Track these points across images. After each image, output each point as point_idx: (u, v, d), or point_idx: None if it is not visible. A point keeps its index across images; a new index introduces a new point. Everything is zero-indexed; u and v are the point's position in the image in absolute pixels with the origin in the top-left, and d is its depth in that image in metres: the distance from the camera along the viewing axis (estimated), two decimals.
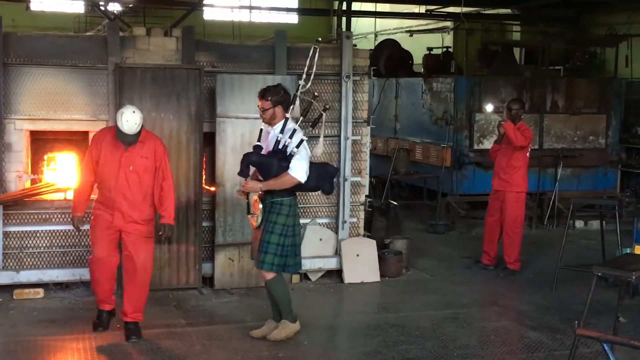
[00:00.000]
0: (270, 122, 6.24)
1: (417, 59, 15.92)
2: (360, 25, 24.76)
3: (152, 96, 7.44)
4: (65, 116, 7.48)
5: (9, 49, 7.31)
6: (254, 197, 6.18)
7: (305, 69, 6.52)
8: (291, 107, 6.29)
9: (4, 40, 7.26)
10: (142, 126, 6.17)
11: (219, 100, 7.63)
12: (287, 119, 6.21)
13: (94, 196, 6.36)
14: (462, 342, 6.46)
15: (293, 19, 28.56)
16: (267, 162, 6.12)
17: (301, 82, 6.43)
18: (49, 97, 7.43)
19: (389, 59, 14.96)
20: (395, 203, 9.73)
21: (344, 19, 13.37)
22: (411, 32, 20.05)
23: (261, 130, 6.34)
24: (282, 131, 6.13)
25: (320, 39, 6.76)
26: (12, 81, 7.35)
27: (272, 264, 6.18)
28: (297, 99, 6.39)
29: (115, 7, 18.61)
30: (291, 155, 6.06)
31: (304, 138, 6.13)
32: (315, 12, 19.60)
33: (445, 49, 15.79)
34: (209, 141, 7.80)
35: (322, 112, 6.40)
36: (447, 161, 12.17)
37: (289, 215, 6.22)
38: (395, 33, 21.30)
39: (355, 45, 8.39)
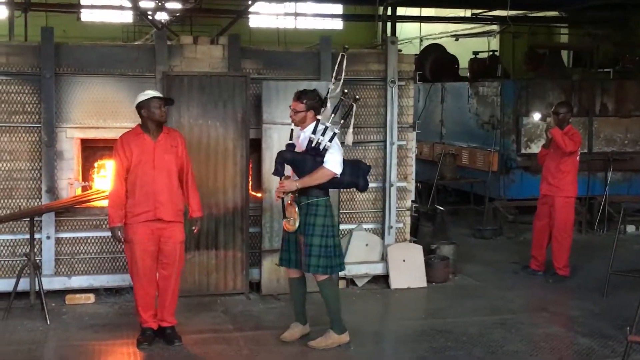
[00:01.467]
0: (301, 125, 6.27)
1: (463, 63, 15.85)
2: (405, 30, 24.75)
3: (199, 103, 7.54)
4: (114, 124, 7.60)
5: (60, 59, 7.48)
6: (288, 200, 6.20)
7: (334, 74, 6.51)
8: (322, 109, 6.29)
9: (55, 51, 7.43)
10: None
11: (265, 106, 7.69)
12: (318, 121, 6.23)
13: None
14: (511, 349, 6.39)
15: (338, 25, 28.66)
16: (301, 159, 6.13)
17: (331, 86, 6.44)
18: (99, 106, 7.57)
19: (435, 63, 14.93)
20: (441, 208, 9.67)
21: (388, 24, 13.37)
22: (457, 37, 19.94)
23: (291, 130, 6.37)
24: (314, 132, 6.17)
25: (347, 47, 6.82)
26: (64, 91, 7.51)
27: (318, 266, 6.17)
28: (328, 101, 6.37)
29: (162, 17, 18.94)
30: (325, 150, 6.08)
31: (336, 131, 6.16)
32: (360, 17, 19.59)
33: (491, 53, 15.67)
34: (255, 147, 7.86)
35: (353, 103, 6.37)
36: (494, 166, 12.06)
37: (326, 215, 6.21)
38: (441, 37, 21.22)
39: (400, 51, 8.38)
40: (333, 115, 6.32)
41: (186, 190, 6.34)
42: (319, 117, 6.25)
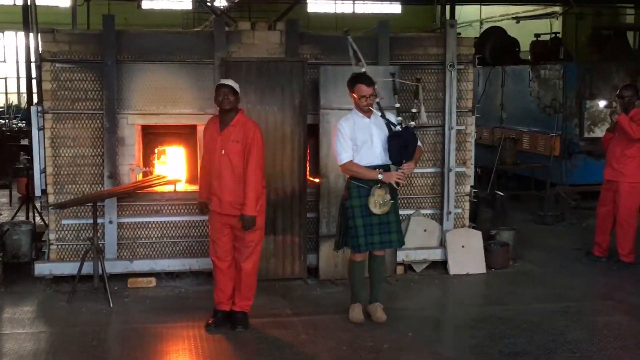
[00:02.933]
0: (371, 109, 6.34)
1: (524, 46, 15.56)
2: (465, 13, 24.41)
3: (257, 89, 7.56)
4: (174, 110, 7.69)
5: (121, 47, 7.58)
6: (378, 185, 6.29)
7: (359, 57, 7.06)
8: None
9: (117, 38, 7.54)
10: (240, 110, 6.30)
11: (322, 92, 7.67)
12: (378, 103, 6.40)
13: None
14: (572, 337, 6.27)
15: (396, 9, 28.44)
16: (414, 140, 6.34)
17: (364, 69, 6.72)
18: (159, 92, 7.65)
19: (495, 46, 14.71)
20: (501, 193, 9.54)
21: (447, 7, 13.19)
22: (518, 19, 19.59)
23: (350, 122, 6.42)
24: (382, 115, 6.33)
25: (347, 29, 7.34)
26: (125, 77, 7.61)
27: (398, 241, 6.49)
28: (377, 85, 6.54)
29: (222, 3, 19.05)
30: (413, 128, 6.38)
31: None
32: (418, 1, 19.38)
33: (553, 35, 15.34)
34: (312, 133, 7.86)
35: (417, 84, 6.74)
36: (556, 150, 11.83)
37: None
38: (501, 20, 20.89)
39: (459, 34, 8.27)
40: (396, 95, 6.62)
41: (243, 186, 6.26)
42: (377, 100, 6.39)
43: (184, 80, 7.68)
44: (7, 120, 18.11)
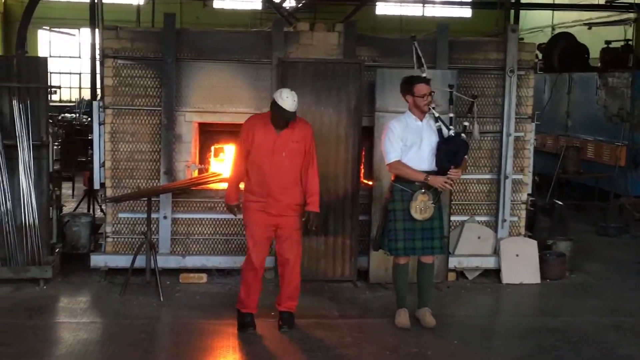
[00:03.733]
0: (431, 108, 6.31)
1: (596, 53, 15.19)
2: (536, 18, 23.98)
3: (313, 90, 7.57)
4: (231, 109, 7.77)
5: (181, 45, 7.70)
6: (422, 190, 6.25)
7: (421, 61, 7.08)
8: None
9: (176, 37, 7.66)
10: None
11: (378, 94, 7.63)
12: (434, 108, 6.37)
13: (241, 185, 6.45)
14: (625, 352, 6.10)
15: (467, 13, 28.12)
16: (464, 148, 6.31)
17: (424, 74, 6.67)
18: (216, 91, 7.74)
19: (563, 53, 14.39)
20: (560, 203, 9.32)
21: (512, 11, 12.98)
22: (590, 25, 19.12)
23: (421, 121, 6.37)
24: (436, 120, 6.29)
25: (414, 35, 7.35)
26: (184, 75, 7.73)
27: (441, 247, 6.47)
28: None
29: (291, 4, 19.19)
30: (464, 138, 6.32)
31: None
32: (483, 5, 19.13)
33: (625, 42, 14.93)
34: (366, 135, 7.83)
35: (473, 100, 6.68)
36: (621, 160, 11.52)
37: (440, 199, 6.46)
38: (574, 26, 20.43)
39: (521, 39, 8.13)
40: (452, 106, 6.59)
41: (305, 184, 6.26)
42: (433, 105, 6.35)
43: (241, 80, 7.75)
44: (77, 115, 18.60)
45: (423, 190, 6.21)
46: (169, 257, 7.73)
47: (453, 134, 6.25)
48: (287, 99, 6.04)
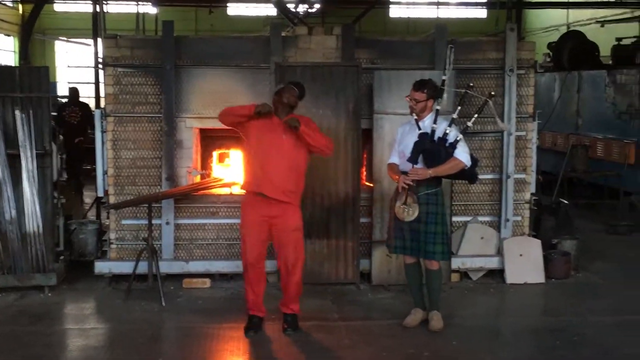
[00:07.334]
0: (420, 115, 6.26)
1: (608, 50, 15.05)
2: (551, 17, 23.86)
3: (311, 93, 7.53)
4: None
5: (180, 52, 7.75)
6: (405, 189, 6.20)
7: (446, 65, 6.71)
8: (439, 100, 6.29)
9: (176, 44, 7.71)
10: None
11: (376, 96, 7.65)
12: (437, 110, 6.28)
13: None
14: (625, 352, 6.04)
15: (482, 13, 28.03)
16: (437, 149, 6.17)
17: (443, 77, 6.44)
18: (216, 97, 7.77)
19: (573, 51, 14.27)
20: (565, 202, 9.26)
21: (523, 11, 12.92)
22: (602, 23, 18.99)
23: (416, 121, 6.31)
24: (435, 122, 6.22)
25: (451, 40, 7.04)
26: (183, 82, 7.78)
27: (442, 252, 6.31)
28: (445, 92, 6.32)
29: (303, 8, 19.19)
30: (457, 141, 6.15)
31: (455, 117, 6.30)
32: (494, 5, 19.06)
33: (636, 39, 14.79)
34: (366, 138, 7.83)
35: (488, 99, 6.42)
36: (630, 158, 11.42)
37: (443, 204, 6.37)
38: (588, 24, 20.33)
39: (521, 38, 8.09)
40: (459, 107, 6.37)
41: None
42: (437, 107, 6.28)
43: (240, 85, 7.79)
44: None
45: (399, 189, 6.22)
46: (173, 262, 7.78)
47: (437, 138, 6.18)
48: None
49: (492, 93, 6.62)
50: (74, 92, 13.94)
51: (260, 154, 6.21)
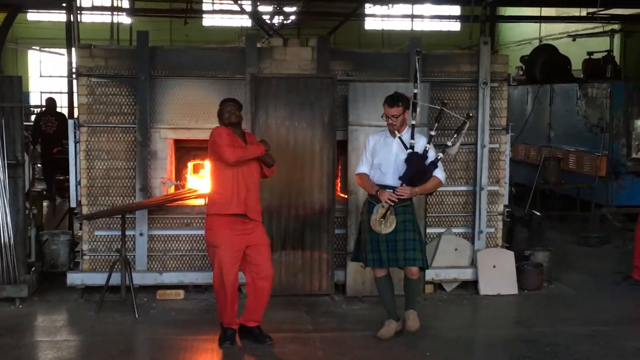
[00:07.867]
0: (400, 129, 6.29)
1: (580, 64, 15.26)
2: (524, 31, 24.10)
3: (287, 105, 7.61)
4: (206, 125, 7.69)
5: (155, 62, 7.73)
6: (382, 204, 6.22)
7: (416, 77, 6.56)
8: (414, 114, 6.30)
9: (150, 54, 7.69)
10: None
11: (351, 108, 7.67)
12: (413, 125, 6.29)
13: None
14: None
15: (455, 27, 28.26)
16: (426, 169, 6.24)
17: (416, 90, 6.44)
18: (191, 107, 7.76)
19: (545, 64, 14.47)
20: (538, 214, 9.35)
21: (497, 25, 13.05)
22: (574, 37, 19.24)
23: (399, 139, 6.33)
24: (412, 137, 6.24)
25: (420, 50, 7.04)
26: (158, 92, 7.75)
27: (422, 259, 6.35)
28: (418, 106, 6.35)
29: (279, 19, 19.21)
30: (437, 160, 6.24)
31: (433, 133, 6.37)
32: (456, 18, 19.25)
33: (606, 53, 15.02)
34: (341, 149, 7.86)
35: (466, 120, 6.48)
36: (601, 170, 11.57)
37: (414, 213, 6.43)
38: (560, 38, 20.54)
39: (494, 52, 8.17)
40: (437, 124, 6.45)
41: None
42: (413, 122, 6.30)
43: (216, 96, 7.73)
44: None
45: (382, 204, 6.22)
46: (146, 274, 7.73)
47: (419, 152, 6.23)
48: None
49: (471, 114, 6.68)
50: (50, 102, 14.02)
51: (240, 176, 6.22)
